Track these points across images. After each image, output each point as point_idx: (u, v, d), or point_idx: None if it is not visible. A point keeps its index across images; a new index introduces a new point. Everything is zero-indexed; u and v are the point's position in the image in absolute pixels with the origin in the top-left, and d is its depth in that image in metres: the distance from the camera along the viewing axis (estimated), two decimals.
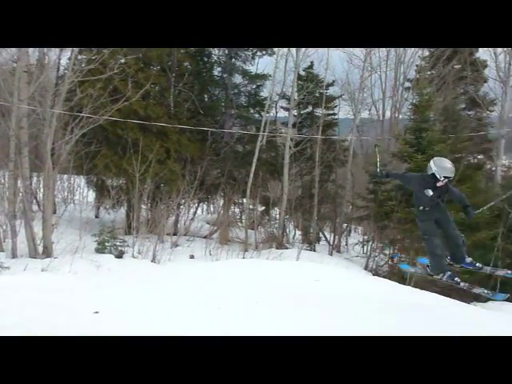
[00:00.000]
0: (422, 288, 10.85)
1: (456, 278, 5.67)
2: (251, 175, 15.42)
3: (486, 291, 6.32)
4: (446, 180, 5.27)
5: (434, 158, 5.56)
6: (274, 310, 4.69)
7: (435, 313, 5.99)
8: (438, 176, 5.25)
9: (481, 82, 19.87)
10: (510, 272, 6.26)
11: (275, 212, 18.56)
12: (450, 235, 5.58)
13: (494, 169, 18.81)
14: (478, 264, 5.92)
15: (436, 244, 5.49)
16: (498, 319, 7.99)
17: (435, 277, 5.77)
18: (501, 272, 7.00)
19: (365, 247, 17.10)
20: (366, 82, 18.56)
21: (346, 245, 19.44)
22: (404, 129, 16.19)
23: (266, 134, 15.94)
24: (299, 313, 4.68)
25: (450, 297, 12.35)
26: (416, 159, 13.52)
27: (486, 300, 15.11)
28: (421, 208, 5.50)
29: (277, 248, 14.88)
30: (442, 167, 5.32)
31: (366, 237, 17.30)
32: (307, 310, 4.78)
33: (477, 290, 6.29)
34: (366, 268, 15.04)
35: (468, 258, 5.77)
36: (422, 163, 13.45)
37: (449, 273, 5.68)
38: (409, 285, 12.01)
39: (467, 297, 15.01)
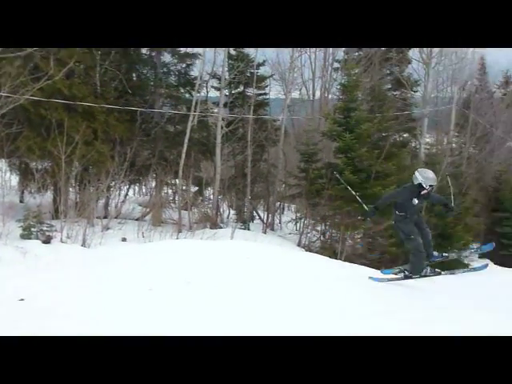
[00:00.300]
0: (352, 261, 11.26)
1: (436, 269, 6.47)
2: (183, 155, 15.23)
3: (473, 249, 6.93)
4: (430, 188, 5.95)
5: (419, 170, 6.25)
6: (204, 289, 4.70)
7: (361, 283, 6.23)
8: (424, 185, 5.89)
9: (405, 64, 20.64)
10: (473, 250, 6.91)
11: (209, 192, 18.51)
12: (424, 234, 6.21)
13: (417, 146, 19.68)
14: (444, 254, 6.82)
15: (420, 243, 6.07)
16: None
17: (414, 276, 6.32)
18: (465, 253, 7.60)
19: (298, 224, 17.43)
20: (296, 63, 18.68)
21: (280, 223, 19.73)
22: (333, 108, 16.52)
23: (197, 113, 15.74)
24: (230, 291, 4.72)
25: (379, 268, 12.90)
26: (344, 138, 13.88)
27: None
28: (402, 214, 6.05)
29: (211, 228, 14.87)
30: (426, 177, 5.97)
31: (298, 214, 17.61)
32: (238, 287, 4.83)
33: (465, 253, 7.44)
34: (299, 244, 15.36)
35: (435, 252, 6.56)
36: (350, 141, 13.86)
37: (428, 268, 6.38)
38: (340, 259, 12.42)
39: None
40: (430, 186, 5.96)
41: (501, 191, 20.22)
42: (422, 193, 5.97)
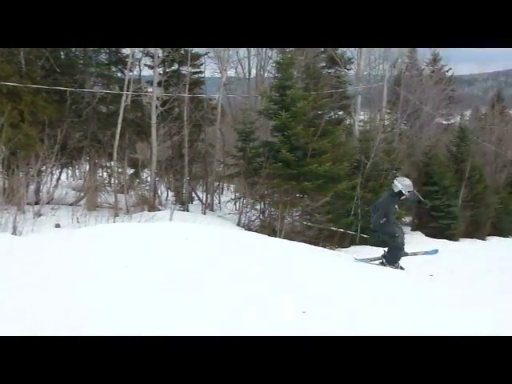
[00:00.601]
0: (291, 239, 11.43)
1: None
2: (117, 137, 14.76)
3: (423, 252, 8.01)
4: (408, 193, 6.77)
5: (397, 179, 7.11)
6: (142, 272, 4.61)
7: (300, 259, 6.33)
8: (404, 192, 6.74)
9: None
10: (422, 253, 7.97)
11: (145, 174, 18.14)
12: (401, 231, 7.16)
13: (352, 124, 20.14)
14: (410, 252, 7.53)
15: (403, 240, 6.95)
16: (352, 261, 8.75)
17: (390, 266, 6.96)
18: (420, 253, 8.16)
19: (237, 204, 17.47)
20: None
21: (219, 203, 19.71)
22: (269, 86, 16.54)
23: (130, 93, 15.26)
24: (168, 272, 4.65)
25: (318, 245, 13.19)
26: (280, 116, 13.95)
27: (348, 245, 16.46)
28: (384, 219, 6.77)
29: (149, 211, 14.61)
30: (405, 185, 6.81)
31: (237, 194, 17.64)
32: (176, 268, 4.77)
33: (420, 253, 7.85)
34: (238, 224, 15.41)
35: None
36: (286, 120, 13.95)
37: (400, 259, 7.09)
38: (279, 237, 12.57)
39: (332, 244, 16.19)
40: (408, 191, 6.74)
41: (430, 166, 21.08)
42: (402, 198, 6.81)
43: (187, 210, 16.54)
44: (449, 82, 26.83)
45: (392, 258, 7.01)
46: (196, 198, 19.15)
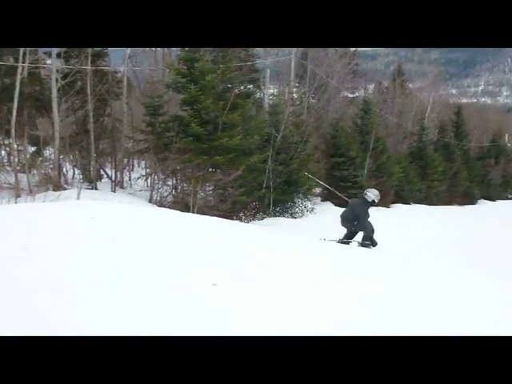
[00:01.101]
0: (204, 213, 11.38)
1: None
2: (14, 112, 13.73)
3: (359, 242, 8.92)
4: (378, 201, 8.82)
5: (369, 190, 8.93)
6: (45, 253, 4.34)
7: (213, 232, 6.30)
8: (375, 200, 8.71)
9: None
10: (359, 244, 8.86)
11: (49, 152, 17.16)
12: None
13: (262, 97, 20.25)
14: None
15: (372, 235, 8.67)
16: (267, 231, 8.90)
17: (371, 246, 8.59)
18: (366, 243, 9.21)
19: (148, 180, 17.07)
20: None
21: (130, 180, 19.18)
22: (177, 59, 16.13)
23: (26, 65, 14.23)
24: (72, 252, 4.42)
25: (231, 218, 13.26)
26: (189, 90, 13.68)
27: (262, 218, 16.73)
28: (357, 222, 8.67)
29: (54, 190, 13.86)
30: (376, 195, 8.70)
31: (148, 170, 17.23)
32: (83, 248, 4.55)
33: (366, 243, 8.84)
34: (150, 201, 15.11)
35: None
36: (195, 93, 13.71)
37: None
38: (193, 212, 12.47)
39: (246, 217, 16.38)
40: (378, 199, 8.74)
41: (337, 138, 21.81)
42: (373, 205, 8.80)
43: (96, 189, 15.93)
44: (353, 56, 27.70)
45: (370, 242, 8.69)
46: (105, 176, 18.48)
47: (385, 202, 24.34)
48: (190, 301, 3.49)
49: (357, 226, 8.73)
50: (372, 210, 21.41)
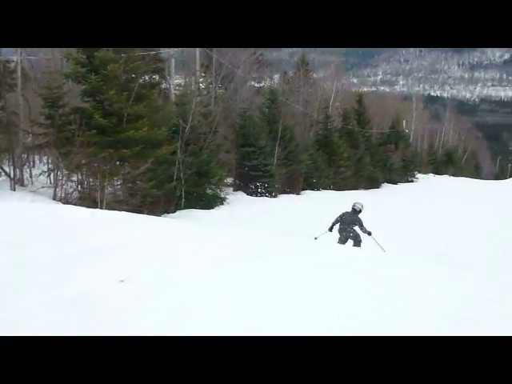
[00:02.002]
0: (114, 209, 10.99)
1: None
2: None
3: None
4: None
5: (357, 202, 10.72)
6: None
7: (127, 226, 6.10)
8: (362, 210, 10.51)
9: None
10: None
11: None
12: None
13: (168, 87, 19.85)
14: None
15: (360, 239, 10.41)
16: (176, 223, 8.77)
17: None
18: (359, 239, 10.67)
19: (51, 176, 16.15)
20: None
21: (31, 177, 18.04)
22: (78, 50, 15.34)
23: None
24: None
25: (142, 213, 12.91)
26: (90, 80, 13.08)
27: (174, 211, 16.46)
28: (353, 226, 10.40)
29: None
30: (361, 205, 10.58)
31: (50, 166, 16.29)
32: None
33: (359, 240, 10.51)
34: (54, 198, 14.32)
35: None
36: (97, 84, 13.14)
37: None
38: (101, 208, 12.02)
39: (157, 211, 16.02)
40: (363, 209, 10.55)
41: (246, 127, 21.96)
42: (360, 215, 10.38)
43: None
44: None
45: (359, 243, 10.32)
46: (3, 174, 17.22)
47: (295, 188, 24.97)
48: (94, 298, 3.32)
49: (352, 231, 10.47)
50: (283, 198, 21.65)
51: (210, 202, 17.99)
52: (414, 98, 54.99)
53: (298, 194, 24.84)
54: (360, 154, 32.46)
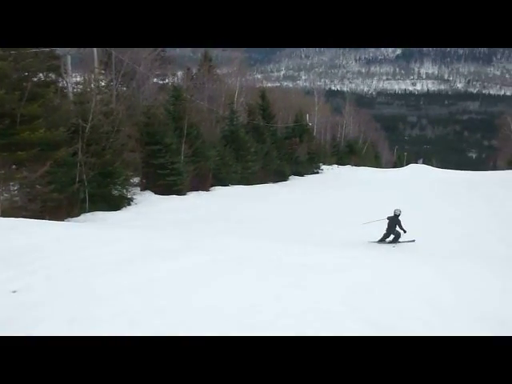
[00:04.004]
0: (11, 216, 10.31)
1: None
2: None
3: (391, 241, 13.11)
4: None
5: (397, 208, 13.00)
6: None
7: (23, 233, 5.74)
8: (400, 214, 12.80)
9: None
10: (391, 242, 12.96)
11: None
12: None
13: (65, 86, 18.90)
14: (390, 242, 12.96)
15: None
16: (79, 227, 8.42)
17: (392, 243, 12.88)
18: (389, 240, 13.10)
19: None
20: None
21: None
22: None
23: None
24: None
25: (44, 218, 12.24)
26: None
27: (78, 214, 15.76)
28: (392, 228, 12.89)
29: None
30: (400, 210, 12.90)
31: None
32: None
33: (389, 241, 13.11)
34: None
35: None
36: None
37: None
38: None
39: (60, 215, 15.26)
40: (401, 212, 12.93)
41: (151, 125, 21.53)
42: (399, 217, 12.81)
43: None
44: None
45: (397, 239, 12.83)
46: None
47: (205, 185, 24.88)
48: None
49: (393, 230, 12.91)
50: (192, 195, 21.53)
51: (117, 203, 17.46)
52: (315, 92, 56.74)
53: (207, 190, 24.77)
54: (267, 149, 33.02)
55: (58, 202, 14.52)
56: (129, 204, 18.20)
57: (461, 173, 46.40)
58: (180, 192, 21.99)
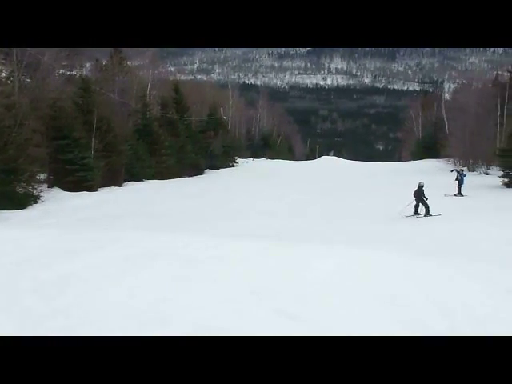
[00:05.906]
0: None
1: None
2: None
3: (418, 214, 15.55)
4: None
5: (421, 181, 15.90)
6: None
7: None
8: (423, 186, 15.63)
9: None
10: (418, 215, 15.43)
11: None
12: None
13: None
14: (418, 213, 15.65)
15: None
16: None
17: (427, 215, 15.37)
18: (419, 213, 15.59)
19: None
20: None
21: None
22: None
23: None
24: None
25: None
26: None
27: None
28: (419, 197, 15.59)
29: None
30: (423, 182, 15.79)
31: None
32: None
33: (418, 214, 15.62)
34: None
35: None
36: None
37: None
38: None
39: None
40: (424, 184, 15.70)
41: (58, 119, 20.60)
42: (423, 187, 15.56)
43: None
44: None
45: (427, 212, 15.30)
46: None
47: (117, 181, 24.19)
48: None
49: (421, 200, 15.37)
50: (104, 191, 20.99)
51: (22, 201, 16.56)
52: (229, 85, 56.85)
53: (120, 186, 24.13)
54: (181, 142, 32.70)
55: None
56: (35, 202, 17.32)
57: (367, 164, 49.64)
58: (91, 188, 21.25)
